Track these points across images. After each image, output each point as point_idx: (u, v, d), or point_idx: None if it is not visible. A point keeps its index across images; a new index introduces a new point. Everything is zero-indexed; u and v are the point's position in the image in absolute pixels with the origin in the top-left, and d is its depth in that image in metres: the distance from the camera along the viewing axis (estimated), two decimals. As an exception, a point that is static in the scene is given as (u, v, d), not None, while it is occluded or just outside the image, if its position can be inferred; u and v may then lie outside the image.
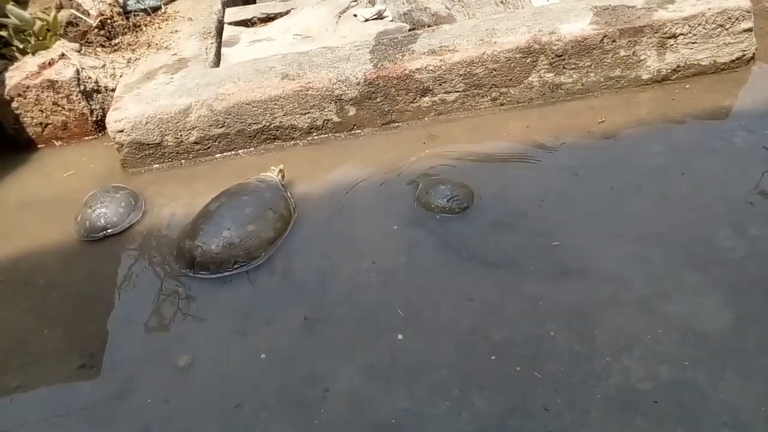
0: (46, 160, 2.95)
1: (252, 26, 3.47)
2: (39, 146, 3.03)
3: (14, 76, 2.86)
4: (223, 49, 3.17)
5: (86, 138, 3.04)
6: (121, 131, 2.61)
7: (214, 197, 2.30)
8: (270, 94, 2.60)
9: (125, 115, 2.60)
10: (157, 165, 2.73)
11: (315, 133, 2.72)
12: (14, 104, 2.86)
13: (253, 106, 2.61)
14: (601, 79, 2.72)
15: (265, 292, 2.05)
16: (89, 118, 2.96)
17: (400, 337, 1.82)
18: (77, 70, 2.86)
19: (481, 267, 1.99)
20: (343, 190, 2.43)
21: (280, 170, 2.43)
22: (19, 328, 2.07)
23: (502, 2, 3.23)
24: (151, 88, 2.75)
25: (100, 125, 3.02)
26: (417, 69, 2.59)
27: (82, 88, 2.88)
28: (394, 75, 2.60)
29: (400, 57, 2.63)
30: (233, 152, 2.73)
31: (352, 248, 2.17)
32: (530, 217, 2.16)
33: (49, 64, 2.88)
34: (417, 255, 2.08)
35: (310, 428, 1.61)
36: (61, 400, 1.80)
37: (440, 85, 2.63)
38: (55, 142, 3.02)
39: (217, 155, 2.73)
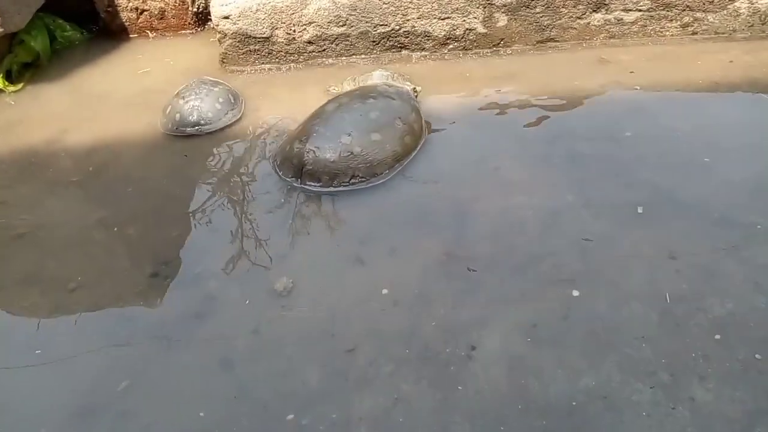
0: (138, 51, 2.59)
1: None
2: (131, 36, 2.67)
3: (113, -51, 2.50)
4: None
5: (183, 32, 2.66)
6: (227, 17, 2.20)
7: (332, 98, 1.86)
8: (406, -10, 2.13)
9: (233, -2, 2.20)
10: (260, 64, 2.32)
11: (451, 45, 2.24)
12: (110, -19, 2.51)
13: (383, 2, 2.14)
14: (830, 15, 2.10)
15: (388, 216, 1.61)
16: (189, 8, 2.58)
17: (575, 293, 1.33)
18: (183, -52, 2.48)
19: (688, 220, 1.47)
20: (489, 115, 1.94)
21: (415, 89, 1.96)
22: (85, 223, 1.71)
23: None
24: (264, -27, 2.33)
25: (201, 19, 2.63)
26: (594, -26, 2.06)
27: (186, -31, 2.50)
28: (564, -21, 2.08)
29: (573, -41, 2.11)
30: (350, 58, 2.28)
31: (499, 178, 1.69)
32: (748, 167, 1.62)
33: (153, -62, 2.50)
34: (592, 195, 1.58)
35: (453, 395, 1.16)
36: (124, 311, 1.42)
37: (620, -2, 2.09)
38: (149, 33, 2.66)
39: (331, 60, 2.29)
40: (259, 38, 2.24)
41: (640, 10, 2.11)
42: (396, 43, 2.24)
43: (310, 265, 1.48)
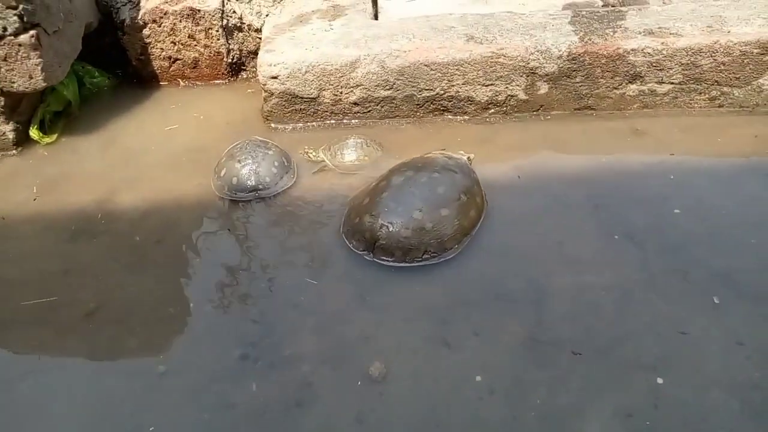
0: (170, 101, 2.59)
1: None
2: (161, 83, 2.67)
3: (151, -1, 2.49)
4: (381, 1, 2.77)
5: (216, 81, 2.67)
6: (275, 77, 2.23)
7: (395, 169, 1.92)
8: (453, 57, 2.20)
9: (282, 59, 2.22)
10: (304, 123, 2.35)
11: (492, 110, 2.32)
12: (146, 31, 2.49)
13: (431, 69, 2.21)
14: None
15: (463, 294, 1.67)
16: (224, 59, 2.59)
17: (659, 381, 1.43)
18: (223, 1, 2.48)
19: (748, 305, 1.59)
20: (539, 184, 2.03)
21: (469, 158, 2.03)
22: (156, 295, 1.72)
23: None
24: (308, 33, 2.36)
25: (235, 69, 2.65)
26: (632, 50, 2.18)
27: (224, 22, 2.50)
28: (604, 53, 2.19)
29: (611, 33, 2.22)
30: (393, 120, 2.34)
31: (565, 254, 1.78)
32: (790, 245, 1.76)
33: (191, -10, 2.51)
34: (656, 274, 1.68)
35: (570, 491, 1.23)
36: (221, 396, 1.44)
37: (655, 72, 2.22)
38: (180, 82, 2.66)
39: (374, 121, 2.34)
40: (306, 98, 2.27)
41: (672, 83, 2.24)
42: (439, 107, 2.31)
43: (398, 348, 1.54)
